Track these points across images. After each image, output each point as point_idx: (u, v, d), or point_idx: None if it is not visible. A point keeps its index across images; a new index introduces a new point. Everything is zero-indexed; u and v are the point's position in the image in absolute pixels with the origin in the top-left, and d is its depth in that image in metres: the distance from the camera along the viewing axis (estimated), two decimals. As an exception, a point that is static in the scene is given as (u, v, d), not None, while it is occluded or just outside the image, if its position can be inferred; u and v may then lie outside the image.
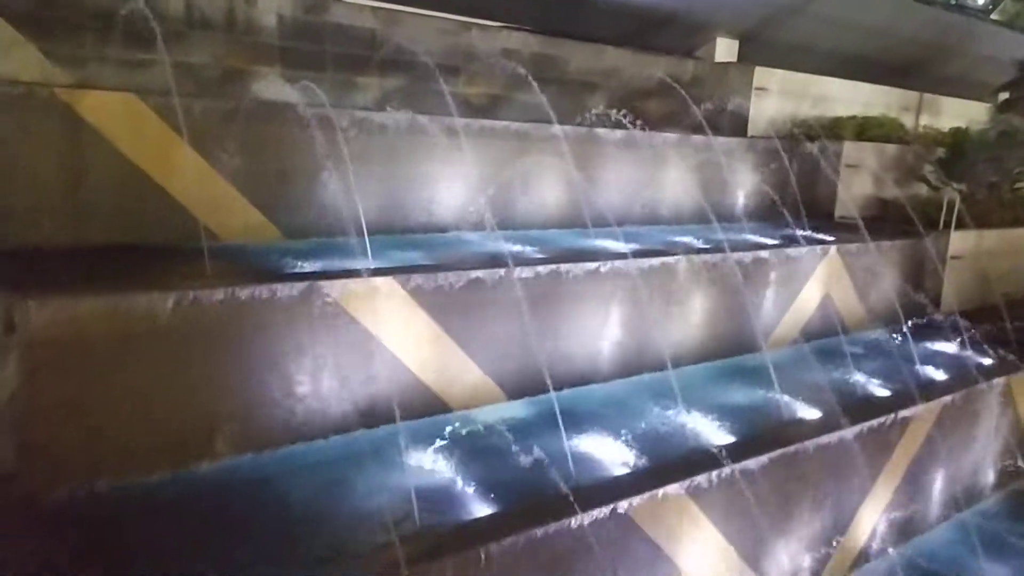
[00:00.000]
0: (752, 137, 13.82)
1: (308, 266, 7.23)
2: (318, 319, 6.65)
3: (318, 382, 6.68)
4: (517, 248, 8.80)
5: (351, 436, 6.73)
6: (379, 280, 7.03)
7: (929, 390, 9.85)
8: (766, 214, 12.44)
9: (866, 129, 14.89)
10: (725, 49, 15.68)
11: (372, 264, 7.27)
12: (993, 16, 20.28)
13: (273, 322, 6.45)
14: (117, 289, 5.87)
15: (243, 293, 6.28)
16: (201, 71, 9.23)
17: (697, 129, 11.67)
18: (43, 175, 7.09)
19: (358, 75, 10.46)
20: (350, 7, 10.50)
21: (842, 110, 15.38)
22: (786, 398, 8.75)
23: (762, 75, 14.34)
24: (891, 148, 14.87)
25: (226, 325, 6.25)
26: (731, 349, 10.06)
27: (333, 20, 10.33)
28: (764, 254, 10.53)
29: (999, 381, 10.85)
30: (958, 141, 14.91)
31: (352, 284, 6.85)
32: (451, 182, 9.45)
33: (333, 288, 6.72)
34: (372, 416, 6.88)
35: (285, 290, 6.48)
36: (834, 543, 8.56)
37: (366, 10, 10.58)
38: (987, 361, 11.22)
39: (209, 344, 6.21)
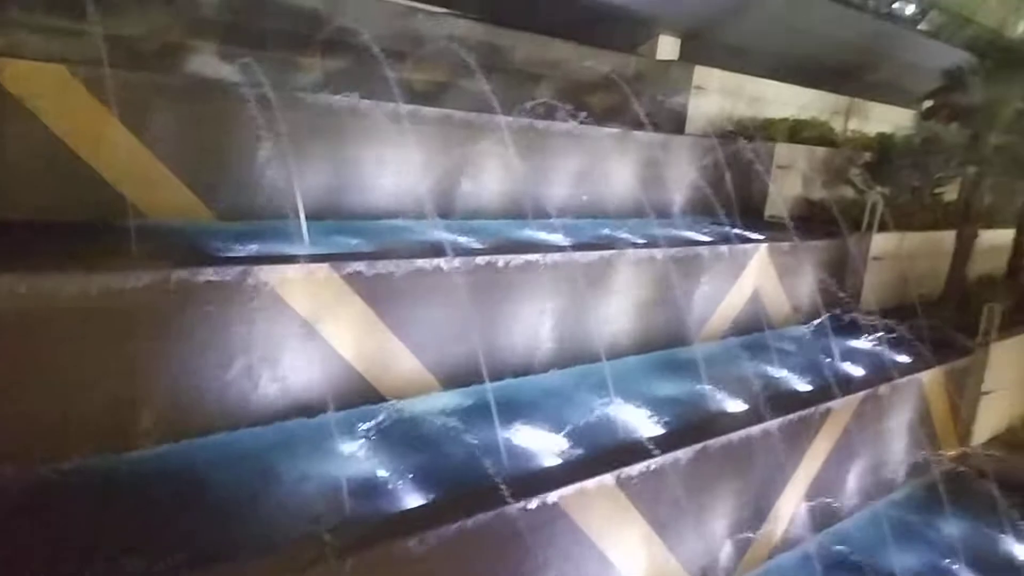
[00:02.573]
0: (690, 135, 14.10)
1: (242, 250, 7.08)
2: (251, 305, 6.54)
3: (249, 370, 6.58)
4: (457, 237, 8.80)
5: (283, 425, 6.66)
6: (315, 266, 6.95)
7: (848, 384, 10.30)
8: (701, 210, 12.73)
9: (798, 131, 15.36)
10: (667, 47, 15.91)
11: (309, 249, 7.17)
12: (921, 26, 21.09)
13: (203, 307, 6.31)
14: (37, 268, 5.65)
15: (171, 276, 6.12)
16: (136, 44, 8.89)
17: (638, 124, 11.84)
18: (-40, 147, 6.75)
19: (300, 55, 10.25)
20: (292, -15, 10.27)
21: (776, 111, 15.82)
22: (715, 390, 9.03)
23: (701, 74, 14.62)
24: (820, 151, 15.39)
25: (153, 308, 6.09)
26: (665, 342, 10.31)
27: (275, -3, 10.09)
28: (699, 250, 10.80)
29: (913, 377, 11.41)
30: (884, 146, 15.52)
31: (287, 270, 6.75)
32: (393, 168, 9.37)
33: (267, 273, 6.60)
34: (304, 405, 6.81)
35: (217, 274, 6.34)
36: (755, 531, 8.89)
37: (309, -11, 10.37)
38: (902, 358, 11.77)
39: (135, 328, 6.04)
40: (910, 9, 21.04)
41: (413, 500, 5.94)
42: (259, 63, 8.32)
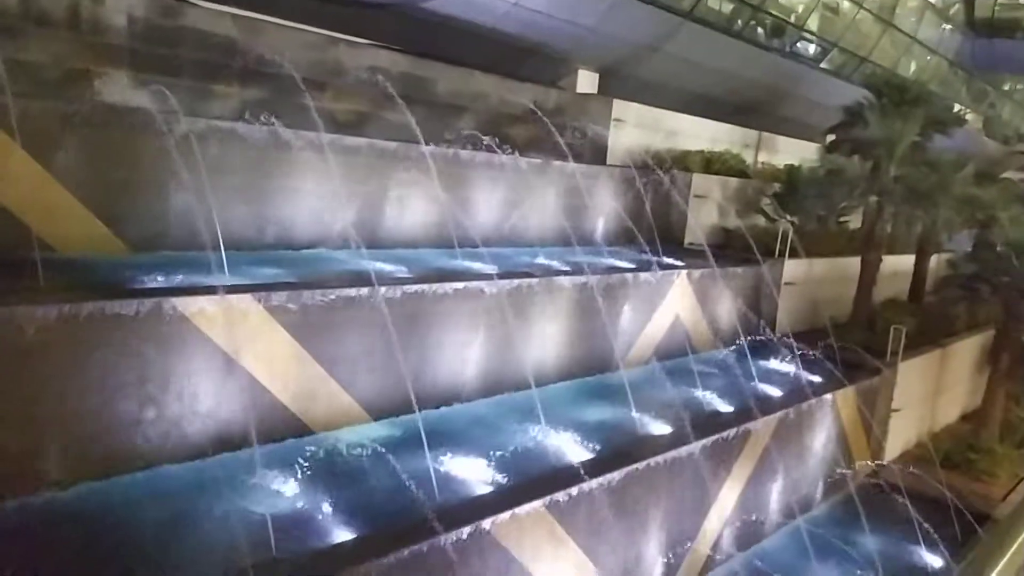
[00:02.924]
0: (610, 165, 14.44)
1: (156, 281, 6.81)
2: (168, 339, 6.29)
3: (168, 405, 6.30)
4: (382, 266, 8.71)
5: (205, 461, 6.38)
6: (236, 297, 6.74)
7: (767, 405, 10.61)
8: (623, 238, 13.02)
9: (712, 163, 15.96)
10: (586, 81, 16.34)
11: (228, 280, 6.95)
12: (823, 65, 22.34)
13: (116, 342, 6.03)
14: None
15: (80, 309, 5.82)
16: (40, 71, 8.52)
17: (560, 155, 12.06)
18: None
19: (216, 83, 10.02)
20: (208, 13, 10.07)
21: (691, 144, 16.41)
22: (640, 415, 9.15)
23: (620, 107, 15.06)
24: (734, 181, 16.02)
25: (63, 344, 5.77)
26: (591, 368, 10.42)
27: (190, 25, 9.86)
28: (621, 277, 11.01)
29: (827, 396, 11.86)
30: (791, 177, 16.27)
31: (206, 301, 6.52)
32: (315, 198, 9.24)
33: (184, 305, 6.37)
34: (228, 440, 6.56)
35: (129, 307, 6.06)
36: (684, 551, 8.99)
37: (226, 17, 10.18)
38: (816, 378, 12.23)
39: (44, 365, 5.70)
40: (812, 49, 22.24)
41: (343, 535, 5.76)
42: (173, 91, 8.11)
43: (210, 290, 6.61)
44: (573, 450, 8.02)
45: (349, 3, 11.14)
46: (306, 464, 6.45)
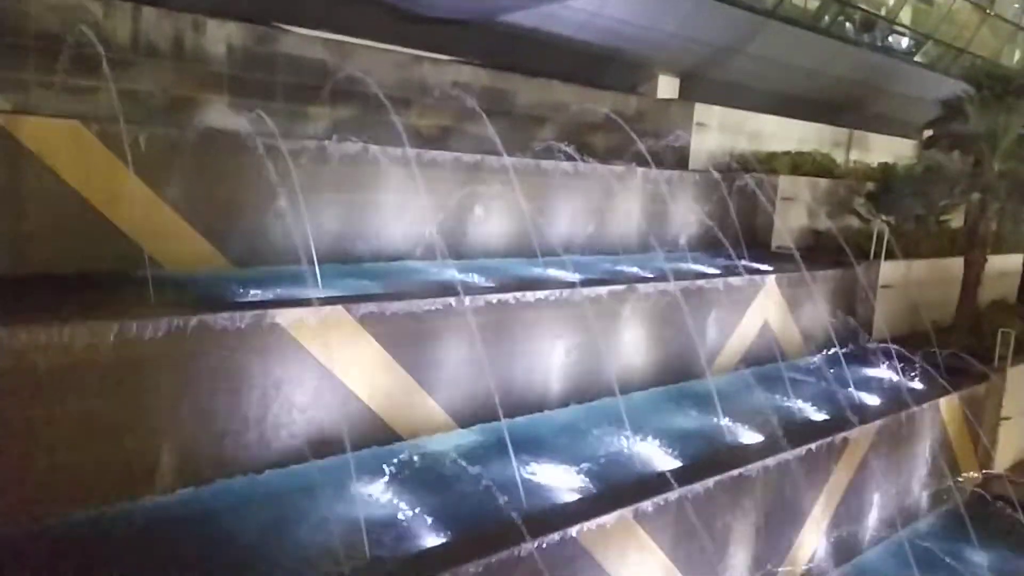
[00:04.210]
0: (694, 170, 14.25)
1: (257, 295, 7.17)
2: (267, 349, 6.60)
3: (266, 413, 6.60)
4: (467, 277, 8.88)
5: (301, 467, 6.66)
6: (329, 309, 7.01)
7: (865, 413, 10.22)
8: (707, 244, 12.81)
9: (799, 164, 15.49)
10: (667, 86, 16.18)
11: (322, 293, 7.25)
12: (917, 58, 21.37)
13: (220, 352, 6.37)
14: (57, 319, 5.72)
15: (188, 322, 6.19)
16: (148, 99, 9.12)
17: (641, 161, 11.99)
18: (-22, 203, 6.89)
19: (309, 105, 10.47)
20: (301, 38, 10.54)
21: (776, 145, 15.99)
22: (729, 422, 8.98)
23: (702, 111, 14.84)
24: (823, 182, 15.51)
25: (171, 355, 6.14)
26: (677, 375, 10.30)
27: (284, 50, 10.36)
28: (707, 283, 10.83)
29: (930, 404, 11.32)
30: (886, 176, 15.64)
31: (302, 313, 6.82)
32: (402, 211, 9.51)
33: (282, 317, 6.68)
34: (322, 446, 6.82)
35: (233, 319, 6.41)
36: (777, 564, 8.75)
37: (317, 42, 10.65)
38: (918, 385, 11.70)
39: (154, 374, 6.09)
40: (904, 42, 21.33)
41: (434, 540, 5.91)
42: (269, 114, 8.51)
43: (304, 302, 6.91)
44: (660, 458, 7.95)
45: (432, 21, 11.44)
46: (396, 470, 6.63)
